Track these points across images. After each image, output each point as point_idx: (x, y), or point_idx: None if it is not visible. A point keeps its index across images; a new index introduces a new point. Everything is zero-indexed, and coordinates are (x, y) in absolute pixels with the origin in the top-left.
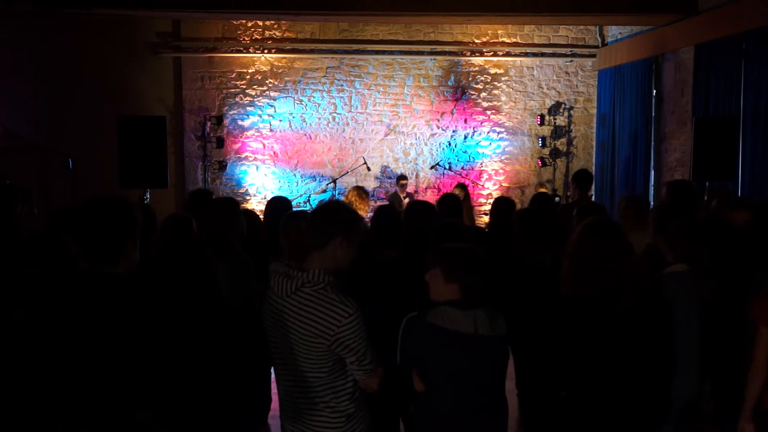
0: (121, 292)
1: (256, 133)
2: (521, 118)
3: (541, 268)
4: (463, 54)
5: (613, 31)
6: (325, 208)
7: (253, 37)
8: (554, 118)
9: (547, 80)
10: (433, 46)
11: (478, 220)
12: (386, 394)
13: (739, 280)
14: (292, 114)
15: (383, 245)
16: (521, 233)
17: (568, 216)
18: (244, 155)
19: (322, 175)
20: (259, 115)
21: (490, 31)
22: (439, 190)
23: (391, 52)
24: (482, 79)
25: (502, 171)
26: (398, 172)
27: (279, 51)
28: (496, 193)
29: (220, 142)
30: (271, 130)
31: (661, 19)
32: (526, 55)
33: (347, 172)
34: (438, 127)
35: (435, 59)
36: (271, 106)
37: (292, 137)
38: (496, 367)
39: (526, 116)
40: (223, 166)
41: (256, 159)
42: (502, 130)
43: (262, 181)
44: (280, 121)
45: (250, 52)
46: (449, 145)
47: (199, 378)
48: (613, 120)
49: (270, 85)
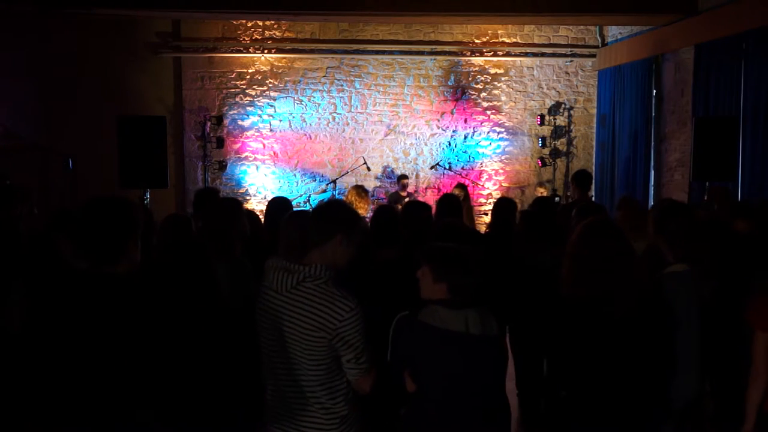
0: (121, 292)
1: (256, 133)
2: (521, 118)
3: (541, 268)
4: (463, 54)
5: (613, 31)
6: (327, 207)
7: (253, 37)
8: (554, 118)
9: (547, 80)
10: (433, 46)
11: (478, 220)
12: (378, 397)
13: (739, 280)
14: (292, 114)
15: (383, 245)
16: (523, 233)
17: (567, 216)
18: (244, 155)
19: (322, 175)
20: (259, 115)
21: (490, 31)
22: (439, 190)
23: (391, 52)
24: (482, 79)
25: (502, 171)
26: (398, 172)
27: (279, 51)
28: (496, 193)
29: (220, 142)
30: (271, 130)
31: (661, 19)
32: (526, 55)
33: (347, 172)
34: (438, 127)
35: (435, 59)
36: (271, 106)
37: (292, 137)
38: (488, 367)
39: (526, 116)
40: (223, 166)
41: (256, 159)
42: (502, 130)
43: (262, 181)
44: (280, 121)
45: (250, 52)
46: (449, 145)
47: (199, 378)
48: (613, 120)
49: (270, 85)
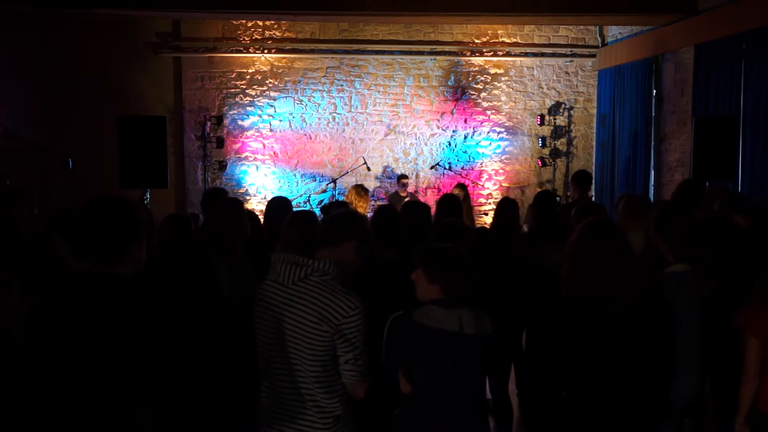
0: (126, 293)
1: (256, 133)
2: (521, 118)
3: (547, 267)
4: (463, 54)
5: (613, 31)
6: (348, 215)
7: (253, 37)
8: (554, 118)
9: (547, 80)
10: (433, 46)
11: (478, 220)
12: (372, 398)
13: (739, 280)
14: (292, 114)
15: (383, 245)
16: (537, 232)
17: (567, 216)
18: (244, 155)
19: (322, 175)
20: (259, 115)
21: (490, 31)
22: (439, 190)
23: (391, 52)
24: (482, 79)
25: (502, 171)
26: (398, 172)
27: (279, 51)
28: (496, 193)
29: (220, 142)
30: (271, 130)
31: (661, 19)
32: (526, 55)
33: (347, 172)
34: (438, 127)
35: (435, 59)
36: (271, 106)
37: (292, 137)
38: (482, 367)
39: (526, 116)
40: (223, 166)
41: (256, 159)
42: (502, 130)
43: (262, 181)
44: (280, 121)
45: (250, 52)
46: (449, 145)
47: (200, 378)
48: (613, 120)
49: (270, 85)
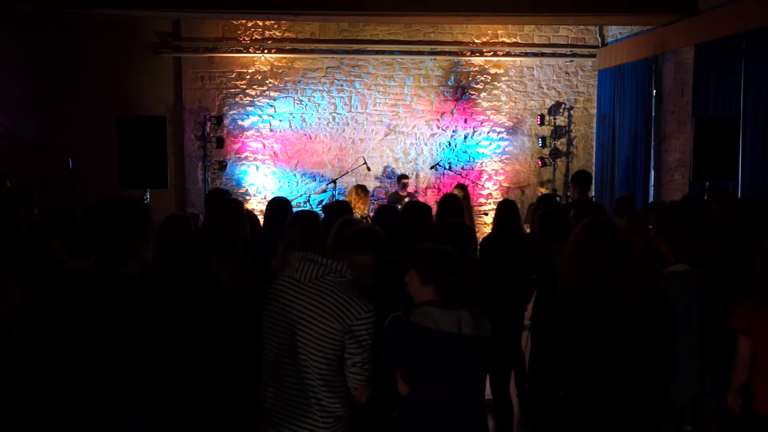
0: (135, 293)
1: (256, 133)
2: (521, 118)
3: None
4: (463, 54)
5: (613, 31)
6: (372, 229)
7: (253, 37)
8: (554, 118)
9: (547, 80)
10: (433, 46)
11: (478, 220)
12: (371, 400)
13: (739, 280)
14: (292, 114)
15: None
16: (540, 234)
17: (566, 216)
18: (244, 155)
19: (322, 175)
20: (259, 115)
21: (490, 31)
22: (439, 190)
23: (391, 52)
24: (482, 79)
25: (502, 171)
26: (398, 172)
27: (279, 51)
28: (496, 193)
29: (220, 142)
30: (271, 130)
31: (661, 19)
32: (526, 55)
33: (347, 172)
34: (438, 127)
35: (435, 59)
36: (271, 106)
37: (292, 137)
38: (481, 368)
39: (526, 116)
40: (223, 166)
41: (256, 159)
42: (502, 130)
43: (262, 181)
44: (280, 121)
45: (250, 52)
46: (449, 145)
47: (200, 377)
48: (613, 120)
49: (270, 85)
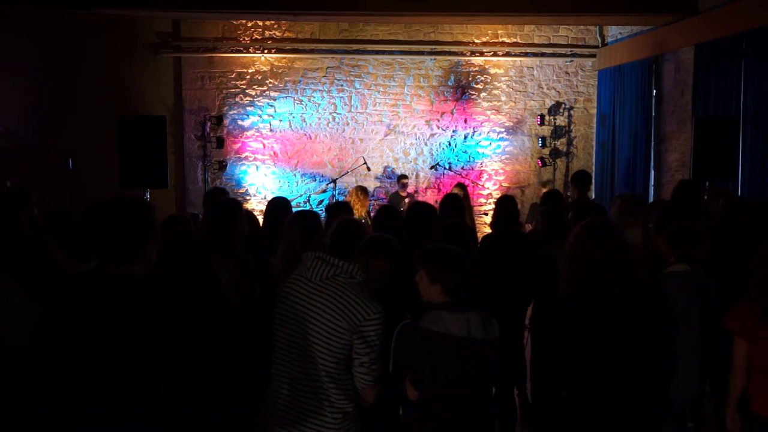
0: (140, 293)
1: (256, 133)
2: (521, 118)
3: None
4: (463, 54)
5: (613, 31)
6: (388, 238)
7: (253, 37)
8: (554, 118)
9: (547, 80)
10: (433, 46)
11: (478, 220)
12: (379, 399)
13: (739, 280)
14: (292, 114)
15: None
16: (544, 232)
17: (566, 216)
18: (244, 155)
19: (322, 175)
20: (259, 115)
21: (490, 31)
22: (439, 190)
23: (391, 52)
24: (482, 79)
25: (502, 171)
26: (398, 172)
27: (279, 51)
28: (496, 193)
29: (220, 142)
30: (271, 130)
31: (661, 19)
32: (526, 55)
33: (347, 172)
34: (438, 127)
35: (435, 59)
36: (271, 106)
37: (292, 137)
38: (490, 371)
39: (526, 116)
40: (223, 166)
41: (256, 159)
42: (502, 130)
43: (262, 181)
44: (280, 121)
45: (250, 52)
46: (449, 145)
47: (201, 377)
48: (613, 120)
49: (270, 85)
